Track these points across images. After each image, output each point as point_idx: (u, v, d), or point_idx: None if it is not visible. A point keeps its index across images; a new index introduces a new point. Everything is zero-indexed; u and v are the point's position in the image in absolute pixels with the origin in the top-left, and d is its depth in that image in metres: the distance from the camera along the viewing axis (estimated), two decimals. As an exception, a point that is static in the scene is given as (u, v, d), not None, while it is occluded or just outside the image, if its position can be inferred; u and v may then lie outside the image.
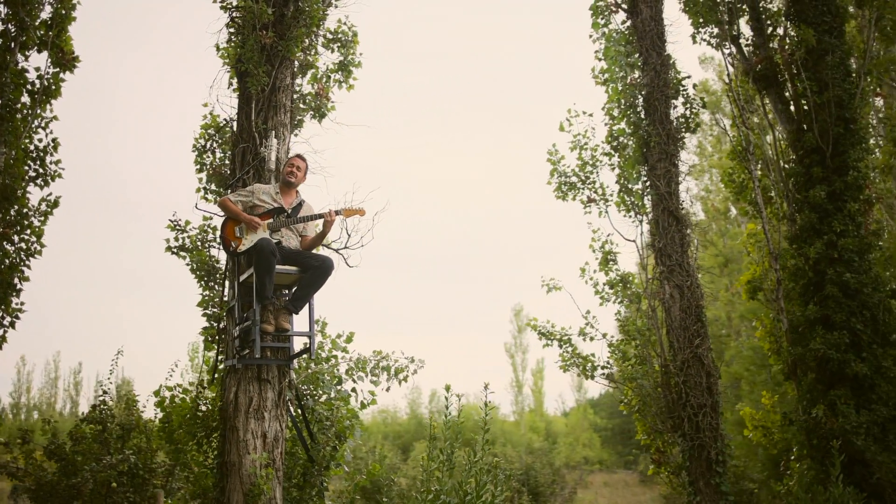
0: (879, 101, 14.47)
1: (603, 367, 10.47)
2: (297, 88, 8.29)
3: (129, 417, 9.83)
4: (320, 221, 7.13)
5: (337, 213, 7.00)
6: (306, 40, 8.05)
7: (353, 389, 7.67)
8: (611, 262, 11.28)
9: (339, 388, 7.51)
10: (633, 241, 11.02)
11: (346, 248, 7.94)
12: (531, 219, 72.66)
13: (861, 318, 9.40)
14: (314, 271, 6.82)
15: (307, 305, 6.91)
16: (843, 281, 9.45)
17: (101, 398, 9.89)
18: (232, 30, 8.51)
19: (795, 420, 9.84)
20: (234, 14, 8.39)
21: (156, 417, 8.16)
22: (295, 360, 7.35)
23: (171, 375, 9.00)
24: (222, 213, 7.89)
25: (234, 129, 7.93)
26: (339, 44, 8.79)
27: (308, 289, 6.84)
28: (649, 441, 10.11)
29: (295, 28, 7.80)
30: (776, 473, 12.79)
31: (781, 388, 12.65)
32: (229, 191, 8.52)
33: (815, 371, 9.61)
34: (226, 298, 7.65)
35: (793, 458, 10.34)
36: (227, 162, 8.61)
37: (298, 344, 7.28)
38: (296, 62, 8.08)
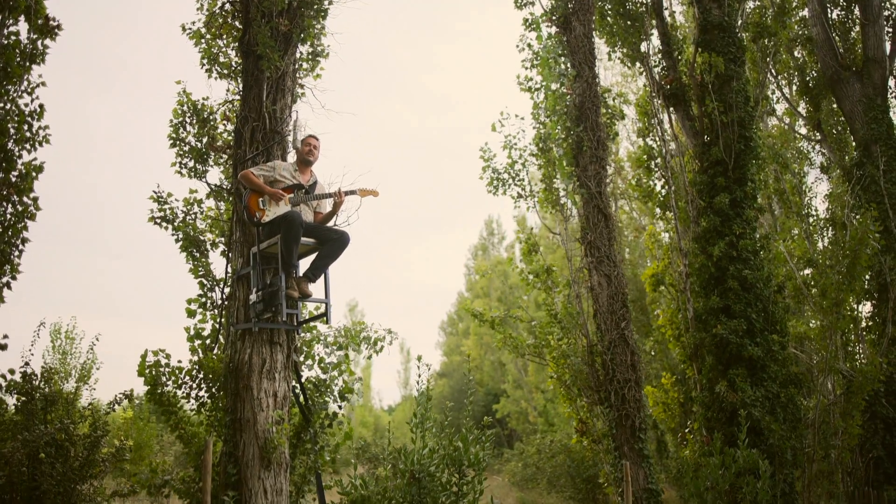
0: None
1: (533, 347, 11.54)
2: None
3: (51, 389, 9.84)
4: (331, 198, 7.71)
5: (352, 192, 7.58)
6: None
7: (346, 355, 8.26)
8: (533, 253, 12.40)
9: (339, 353, 8.10)
10: (558, 234, 12.19)
11: (335, 225, 8.52)
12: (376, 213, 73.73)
13: (755, 309, 10.94)
14: (333, 243, 7.41)
15: (323, 275, 7.48)
16: (742, 276, 10.97)
17: (23, 368, 9.83)
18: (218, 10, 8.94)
19: (696, 396, 11.29)
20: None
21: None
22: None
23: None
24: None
25: (239, 108, 8.33)
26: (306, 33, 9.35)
27: (326, 259, 7.41)
28: (573, 413, 11.26)
29: (304, 17, 8.32)
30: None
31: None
32: (205, 166, 8.95)
33: (714, 354, 11.08)
34: (229, 266, 8.04)
35: (687, 430, 11.86)
36: (203, 139, 9.00)
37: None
38: (299, 48, 8.58)
